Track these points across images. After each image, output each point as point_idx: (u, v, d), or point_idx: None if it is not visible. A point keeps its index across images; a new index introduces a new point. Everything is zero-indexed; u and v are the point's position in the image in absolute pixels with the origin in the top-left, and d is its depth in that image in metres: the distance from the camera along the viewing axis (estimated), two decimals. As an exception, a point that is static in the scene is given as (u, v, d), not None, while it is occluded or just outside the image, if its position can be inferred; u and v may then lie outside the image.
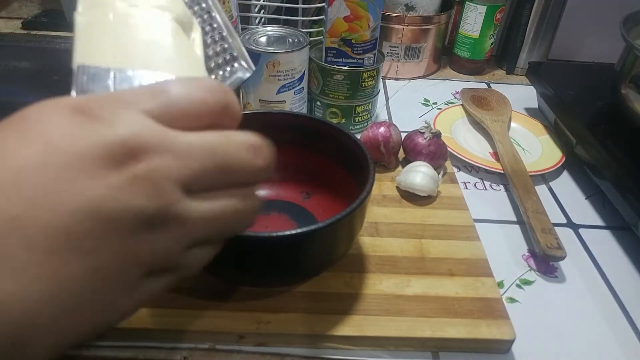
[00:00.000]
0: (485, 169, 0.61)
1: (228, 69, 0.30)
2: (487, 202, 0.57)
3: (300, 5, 0.69)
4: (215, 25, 0.30)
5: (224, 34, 0.30)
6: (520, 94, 0.79)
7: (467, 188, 0.59)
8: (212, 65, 0.30)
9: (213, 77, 0.29)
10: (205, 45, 0.30)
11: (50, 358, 0.19)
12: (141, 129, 0.19)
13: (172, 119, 0.20)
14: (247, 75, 0.29)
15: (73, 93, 0.21)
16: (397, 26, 0.79)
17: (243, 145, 0.21)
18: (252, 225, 0.23)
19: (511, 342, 0.39)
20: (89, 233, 0.18)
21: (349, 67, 0.61)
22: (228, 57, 0.30)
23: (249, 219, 0.23)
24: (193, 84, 0.20)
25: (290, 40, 0.61)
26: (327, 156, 0.48)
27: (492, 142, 0.65)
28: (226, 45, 0.30)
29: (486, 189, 0.59)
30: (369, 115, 0.66)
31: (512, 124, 0.70)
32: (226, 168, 0.20)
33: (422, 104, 0.77)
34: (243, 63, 0.29)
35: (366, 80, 0.61)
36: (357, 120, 0.65)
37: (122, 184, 0.18)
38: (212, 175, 0.20)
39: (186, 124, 0.20)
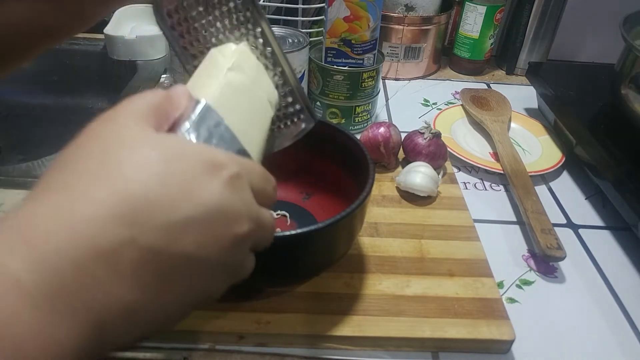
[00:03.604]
0: (485, 169, 0.61)
1: (295, 119, 0.34)
2: (487, 203, 0.57)
3: (300, 6, 0.69)
4: (284, 81, 0.33)
5: (291, 88, 0.33)
6: (520, 94, 0.78)
7: (467, 188, 0.59)
8: (281, 115, 0.34)
9: (281, 126, 0.34)
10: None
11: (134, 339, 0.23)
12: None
13: (256, 191, 0.26)
14: (312, 125, 0.34)
15: (187, 124, 0.26)
16: (397, 26, 0.79)
17: (273, 184, 0.29)
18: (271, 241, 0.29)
19: (511, 342, 0.39)
20: (209, 228, 0.22)
21: (349, 67, 0.61)
22: (292, 109, 0.34)
23: (274, 233, 0.29)
24: (274, 185, 0.28)
25: (290, 40, 0.61)
26: (327, 156, 0.48)
27: (492, 142, 0.65)
28: (290, 99, 0.34)
29: (486, 189, 0.59)
30: (368, 116, 0.66)
31: (512, 124, 0.70)
32: (269, 191, 0.28)
33: (422, 104, 0.77)
34: (308, 115, 0.34)
35: (366, 80, 0.61)
36: (357, 121, 0.65)
37: (223, 185, 0.23)
38: (262, 191, 0.27)
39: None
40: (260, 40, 0.32)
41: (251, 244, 0.26)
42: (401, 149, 0.58)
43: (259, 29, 0.32)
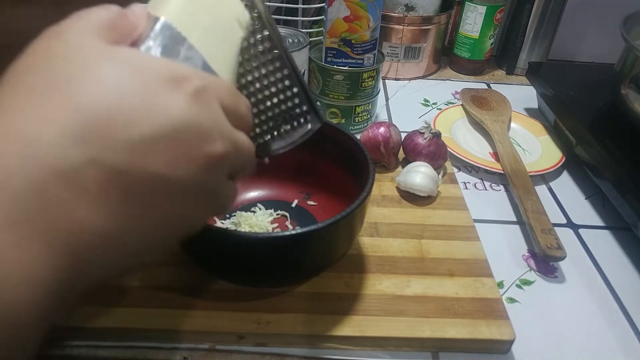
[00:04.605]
0: (485, 169, 0.61)
1: (301, 120, 0.33)
2: (487, 202, 0.57)
3: (300, 6, 0.69)
4: (288, 80, 0.32)
5: (295, 90, 0.32)
6: (520, 94, 0.79)
7: (467, 188, 0.59)
8: (285, 116, 0.33)
9: (287, 127, 0.33)
10: (277, 93, 0.32)
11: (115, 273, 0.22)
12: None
13: (227, 109, 0.24)
14: (318, 126, 0.33)
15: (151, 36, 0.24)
16: (397, 26, 0.79)
17: (246, 103, 0.27)
18: (253, 169, 0.28)
19: (511, 342, 0.39)
20: (177, 145, 0.21)
21: (349, 67, 0.61)
22: (299, 110, 0.33)
23: (253, 160, 0.27)
24: (247, 105, 0.27)
25: (290, 40, 0.61)
26: (327, 156, 0.48)
27: (492, 142, 0.65)
28: (297, 100, 0.32)
29: (486, 189, 0.59)
30: (368, 116, 0.66)
31: (512, 124, 0.70)
32: (241, 110, 0.26)
33: (422, 104, 0.77)
34: (314, 116, 0.33)
35: (366, 80, 0.61)
36: (357, 121, 0.65)
37: (188, 98, 0.21)
38: (234, 109, 0.25)
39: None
40: (260, 37, 0.31)
41: (228, 168, 0.24)
42: (401, 149, 0.58)
43: (255, 12, 0.30)
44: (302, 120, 0.33)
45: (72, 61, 0.20)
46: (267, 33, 0.31)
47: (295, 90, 0.32)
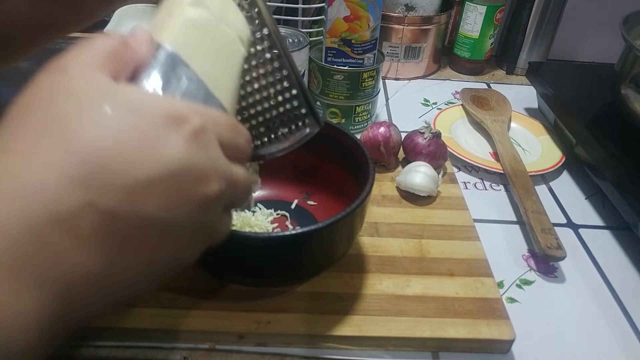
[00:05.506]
0: (485, 169, 0.61)
1: (299, 124, 0.32)
2: (487, 202, 0.57)
3: (300, 5, 0.70)
4: (286, 83, 0.31)
5: (295, 92, 0.31)
6: (520, 94, 0.78)
7: (467, 188, 0.59)
8: (283, 118, 0.32)
9: (285, 130, 0.32)
10: (275, 95, 0.31)
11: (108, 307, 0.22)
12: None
13: (225, 145, 0.24)
14: (316, 130, 0.32)
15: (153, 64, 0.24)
16: (397, 26, 0.79)
17: (245, 136, 0.27)
18: (249, 199, 0.27)
19: (511, 342, 0.39)
20: (173, 189, 0.21)
21: (349, 67, 0.61)
22: (297, 113, 0.32)
23: (249, 191, 0.27)
24: (247, 137, 0.27)
25: (290, 40, 0.61)
26: (327, 156, 0.48)
27: (492, 142, 0.65)
28: (296, 103, 0.31)
29: (486, 189, 0.59)
30: (368, 115, 0.66)
31: (512, 124, 0.70)
32: (240, 144, 0.26)
33: (422, 104, 0.77)
34: (313, 119, 0.32)
35: (366, 80, 0.61)
36: (357, 120, 0.65)
37: (186, 140, 0.21)
38: (233, 145, 0.25)
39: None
40: (264, 43, 0.30)
41: (224, 204, 0.24)
42: (401, 149, 0.58)
43: (255, 9, 0.30)
44: (300, 123, 0.32)
45: (74, 100, 0.20)
46: (267, 32, 0.30)
47: (294, 92, 0.31)
